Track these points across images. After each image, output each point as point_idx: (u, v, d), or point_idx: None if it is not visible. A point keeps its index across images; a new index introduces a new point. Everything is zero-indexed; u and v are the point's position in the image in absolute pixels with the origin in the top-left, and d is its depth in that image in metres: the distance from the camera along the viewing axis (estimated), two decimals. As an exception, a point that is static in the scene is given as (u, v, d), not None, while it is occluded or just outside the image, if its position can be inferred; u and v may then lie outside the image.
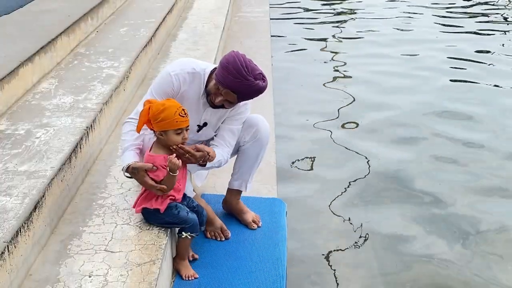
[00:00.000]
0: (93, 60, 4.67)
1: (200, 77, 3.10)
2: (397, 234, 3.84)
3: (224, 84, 2.97)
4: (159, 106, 2.80)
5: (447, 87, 6.57)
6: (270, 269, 3.08)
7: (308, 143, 5.16)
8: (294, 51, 7.96)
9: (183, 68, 3.11)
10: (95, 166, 3.54)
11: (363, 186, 4.43)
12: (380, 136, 5.28)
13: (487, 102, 6.10)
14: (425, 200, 4.21)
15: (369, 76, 6.94)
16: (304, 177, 4.56)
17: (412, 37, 8.62)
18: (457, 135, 5.23)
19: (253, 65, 3.00)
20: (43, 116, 3.59)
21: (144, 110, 2.83)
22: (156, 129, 2.83)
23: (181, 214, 2.90)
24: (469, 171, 4.65)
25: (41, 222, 2.76)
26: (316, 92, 6.46)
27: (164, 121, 2.79)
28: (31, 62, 4.04)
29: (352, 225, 3.91)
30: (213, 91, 3.05)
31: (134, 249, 2.77)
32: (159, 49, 5.72)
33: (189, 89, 3.11)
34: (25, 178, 2.88)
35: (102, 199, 3.18)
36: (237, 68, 2.93)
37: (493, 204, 4.20)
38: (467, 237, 3.78)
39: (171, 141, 2.86)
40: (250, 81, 2.94)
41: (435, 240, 3.75)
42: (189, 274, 2.99)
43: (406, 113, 5.79)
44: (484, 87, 6.55)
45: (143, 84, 4.87)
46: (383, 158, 4.85)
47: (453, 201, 4.19)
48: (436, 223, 3.93)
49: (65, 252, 2.75)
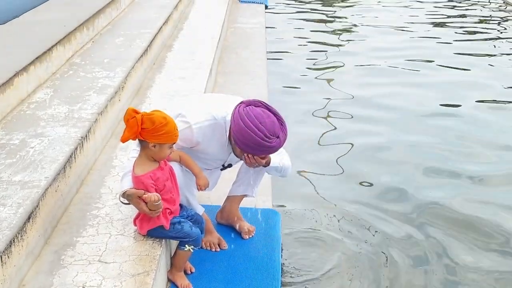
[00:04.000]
0: (88, 70, 4.67)
1: (222, 127, 3.01)
2: (396, 245, 3.84)
3: (254, 154, 2.96)
4: (161, 119, 2.72)
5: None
6: (265, 279, 3.10)
7: (304, 152, 5.16)
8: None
9: (204, 119, 2.98)
10: (90, 176, 3.53)
11: (359, 197, 4.44)
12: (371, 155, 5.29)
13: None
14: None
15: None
16: (299, 188, 4.55)
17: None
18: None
19: (269, 121, 2.88)
20: (38, 126, 3.59)
21: (136, 120, 2.71)
22: (152, 140, 2.75)
23: (185, 228, 2.90)
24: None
25: (35, 232, 2.75)
26: (315, 103, 6.47)
27: (166, 135, 2.74)
28: (26, 72, 4.04)
29: (348, 236, 3.91)
30: (241, 156, 3.04)
31: (128, 260, 2.76)
32: (154, 59, 5.73)
33: (210, 141, 3.03)
34: (19, 188, 2.87)
35: (96, 210, 3.17)
36: (258, 142, 2.86)
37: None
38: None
39: (164, 154, 2.82)
40: (274, 143, 2.89)
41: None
42: (185, 284, 2.99)
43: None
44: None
45: (139, 94, 4.87)
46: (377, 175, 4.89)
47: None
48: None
49: (58, 263, 2.74)
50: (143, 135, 2.75)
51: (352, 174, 4.82)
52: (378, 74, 7.50)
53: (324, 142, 5.49)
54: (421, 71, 7.62)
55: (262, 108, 2.93)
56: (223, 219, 3.53)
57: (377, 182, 4.67)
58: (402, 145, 5.40)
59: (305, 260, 3.61)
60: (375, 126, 5.82)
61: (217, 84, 6.06)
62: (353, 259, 3.67)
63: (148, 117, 2.73)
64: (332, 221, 4.08)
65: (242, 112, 2.89)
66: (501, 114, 6.18)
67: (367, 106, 6.34)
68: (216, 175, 3.38)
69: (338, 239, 3.87)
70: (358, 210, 4.24)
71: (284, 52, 8.38)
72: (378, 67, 7.76)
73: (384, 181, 4.69)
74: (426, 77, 7.35)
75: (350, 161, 5.06)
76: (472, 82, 7.20)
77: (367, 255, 3.71)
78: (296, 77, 7.32)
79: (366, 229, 4.00)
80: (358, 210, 4.24)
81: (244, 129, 2.85)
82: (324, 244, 3.80)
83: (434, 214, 4.21)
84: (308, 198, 4.41)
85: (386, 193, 4.51)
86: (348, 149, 5.30)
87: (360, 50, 8.55)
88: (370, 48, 8.67)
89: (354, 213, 4.19)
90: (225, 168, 3.31)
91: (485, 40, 9.08)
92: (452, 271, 3.60)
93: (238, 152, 3.05)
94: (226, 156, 3.18)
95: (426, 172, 4.85)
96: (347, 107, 6.31)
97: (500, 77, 7.31)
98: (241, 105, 2.95)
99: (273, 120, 2.90)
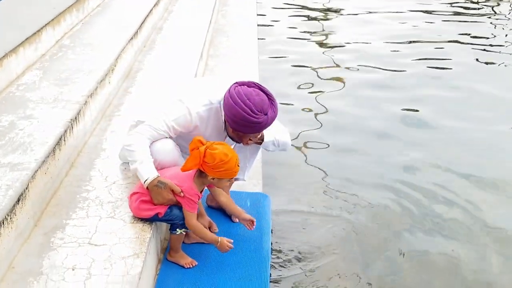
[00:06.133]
0: (78, 52, 4.64)
1: (217, 111, 3.06)
2: (384, 229, 3.87)
3: (244, 132, 2.99)
4: (222, 156, 2.81)
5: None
6: (255, 259, 3.14)
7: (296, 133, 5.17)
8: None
9: (200, 103, 3.04)
10: (80, 159, 3.52)
11: (348, 181, 4.45)
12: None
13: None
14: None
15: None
16: (290, 170, 4.56)
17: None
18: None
19: (258, 98, 2.91)
20: (27, 108, 3.57)
21: (199, 153, 2.81)
22: (212, 175, 2.86)
23: (174, 212, 2.93)
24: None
25: (24, 214, 2.74)
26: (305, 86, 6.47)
27: (226, 172, 2.84)
28: (15, 53, 4.01)
29: (335, 219, 3.93)
30: (236, 136, 3.07)
31: (118, 243, 2.76)
32: (145, 41, 5.69)
33: (207, 124, 3.08)
34: (8, 170, 2.85)
35: (86, 192, 3.17)
36: (247, 120, 2.90)
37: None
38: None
39: (221, 186, 2.99)
40: (265, 119, 2.93)
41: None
42: (189, 262, 3.05)
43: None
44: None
45: (129, 76, 4.84)
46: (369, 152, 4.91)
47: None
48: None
49: (48, 245, 2.74)
50: (204, 168, 2.84)
51: (341, 150, 4.90)
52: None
53: (318, 119, 5.51)
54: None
55: (255, 88, 2.96)
56: (213, 202, 3.53)
57: (365, 160, 4.74)
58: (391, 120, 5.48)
59: (295, 242, 3.64)
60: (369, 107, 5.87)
61: (208, 67, 6.03)
62: (343, 239, 3.69)
63: (211, 152, 2.81)
64: (322, 202, 4.11)
65: (233, 91, 2.93)
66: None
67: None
68: None
69: (327, 220, 3.90)
70: (348, 190, 4.27)
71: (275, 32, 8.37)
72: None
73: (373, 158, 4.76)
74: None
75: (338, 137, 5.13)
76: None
77: (357, 234, 3.76)
78: (287, 60, 7.30)
79: (356, 209, 4.05)
80: (348, 190, 4.27)
81: (232, 106, 2.90)
82: (314, 225, 3.83)
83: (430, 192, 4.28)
84: (297, 180, 4.42)
85: (382, 175, 4.54)
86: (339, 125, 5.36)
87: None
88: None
89: (343, 193, 4.22)
90: None
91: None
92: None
93: (230, 132, 3.07)
94: (222, 140, 3.19)
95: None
96: (333, 83, 6.35)
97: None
98: (235, 85, 2.99)
99: (263, 98, 2.93)
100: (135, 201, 2.94)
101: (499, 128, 5.39)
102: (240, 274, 3.03)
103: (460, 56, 7.36)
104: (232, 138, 3.13)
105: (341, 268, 3.42)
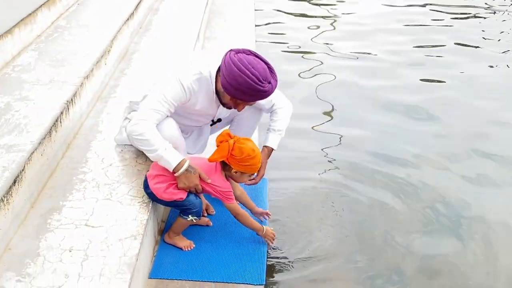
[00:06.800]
0: (74, 33, 4.60)
1: (208, 81, 3.04)
2: (382, 210, 3.87)
3: (243, 100, 2.98)
4: (250, 151, 2.92)
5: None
6: (252, 240, 3.17)
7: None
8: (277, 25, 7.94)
9: (191, 74, 3.02)
10: (76, 141, 3.51)
11: (347, 165, 4.44)
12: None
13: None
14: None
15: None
16: (287, 152, 4.54)
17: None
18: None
19: (260, 67, 2.90)
20: (23, 89, 3.54)
21: (228, 145, 2.91)
22: (237, 168, 2.96)
23: (191, 198, 2.98)
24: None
25: (21, 196, 2.74)
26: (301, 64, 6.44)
27: (251, 166, 2.96)
28: (10, 34, 3.98)
29: (333, 205, 3.93)
30: (232, 103, 3.05)
31: (115, 224, 2.77)
32: (141, 23, 5.65)
33: (198, 95, 3.06)
34: (4, 152, 2.84)
35: (82, 174, 3.16)
36: (254, 88, 2.88)
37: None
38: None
39: (241, 181, 3.07)
40: (266, 88, 2.91)
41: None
42: (187, 244, 3.08)
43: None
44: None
45: (125, 58, 4.82)
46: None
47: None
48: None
49: (45, 227, 2.74)
50: (229, 160, 2.94)
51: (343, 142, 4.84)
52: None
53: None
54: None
55: (253, 56, 2.95)
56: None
57: (362, 147, 4.70)
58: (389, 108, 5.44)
59: (292, 224, 3.64)
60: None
61: (204, 49, 6.00)
62: (338, 224, 3.69)
63: (239, 145, 2.91)
64: (321, 188, 4.09)
65: (234, 58, 2.90)
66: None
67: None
68: (206, 133, 3.44)
69: (324, 204, 3.89)
70: (344, 176, 4.25)
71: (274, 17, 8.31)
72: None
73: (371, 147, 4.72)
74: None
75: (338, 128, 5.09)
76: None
77: (353, 219, 3.74)
78: (284, 44, 7.26)
79: (353, 195, 4.02)
80: (344, 176, 4.25)
81: (238, 74, 2.86)
82: (311, 210, 3.82)
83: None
84: (294, 165, 4.41)
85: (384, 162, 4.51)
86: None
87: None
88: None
89: (339, 179, 4.21)
90: (215, 123, 3.35)
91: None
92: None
93: (227, 100, 3.05)
94: (214, 110, 3.20)
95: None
96: (331, 70, 6.32)
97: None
98: (231, 52, 2.96)
99: (264, 67, 2.92)
100: (160, 183, 2.95)
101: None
102: (237, 255, 3.05)
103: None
104: (224, 104, 3.12)
105: (341, 269, 3.36)
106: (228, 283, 2.85)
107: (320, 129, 5.03)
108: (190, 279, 2.85)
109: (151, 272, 2.89)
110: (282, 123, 3.34)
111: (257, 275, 2.91)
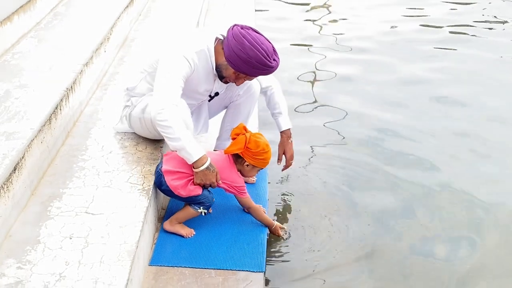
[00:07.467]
0: (73, 20, 4.58)
1: (206, 54, 3.07)
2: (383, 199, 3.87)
3: (248, 74, 3.03)
4: (264, 146, 3.03)
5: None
6: (252, 229, 3.19)
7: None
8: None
9: (192, 48, 3.04)
10: (76, 129, 3.51)
11: (346, 147, 4.45)
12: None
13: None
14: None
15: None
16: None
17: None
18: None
19: (268, 43, 2.99)
20: (22, 77, 3.54)
21: (245, 137, 2.99)
22: (250, 161, 3.05)
23: (205, 193, 3.03)
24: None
25: (21, 183, 2.74)
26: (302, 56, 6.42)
27: (263, 161, 3.06)
28: (10, 22, 3.96)
29: (332, 191, 3.94)
30: (233, 77, 3.08)
31: (116, 212, 2.77)
32: (140, 10, 5.63)
33: (198, 67, 3.08)
34: (4, 139, 2.84)
35: (82, 162, 3.16)
36: (264, 63, 2.95)
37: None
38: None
39: (251, 175, 3.19)
40: (273, 64, 2.99)
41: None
42: (188, 232, 3.09)
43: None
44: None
45: (124, 45, 4.80)
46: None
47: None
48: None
49: (45, 214, 2.74)
50: (244, 153, 3.02)
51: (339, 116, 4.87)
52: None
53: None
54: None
55: (259, 34, 3.02)
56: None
57: (363, 138, 4.69)
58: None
59: (293, 211, 3.65)
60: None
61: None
62: (339, 214, 3.69)
63: (255, 139, 3.01)
64: (319, 176, 4.09)
65: (244, 32, 2.97)
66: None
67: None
68: (205, 112, 3.45)
69: (325, 192, 3.90)
70: (345, 164, 4.25)
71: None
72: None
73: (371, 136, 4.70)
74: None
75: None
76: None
77: (355, 208, 3.74)
78: (285, 35, 7.23)
79: (355, 184, 4.01)
80: (345, 164, 4.25)
81: (249, 47, 2.92)
82: (312, 197, 3.83)
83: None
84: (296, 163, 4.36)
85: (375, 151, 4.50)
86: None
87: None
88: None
89: (341, 167, 4.21)
90: (212, 98, 3.34)
91: None
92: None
93: (228, 74, 3.07)
94: (211, 85, 3.21)
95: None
96: (333, 65, 6.29)
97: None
98: (237, 26, 3.03)
99: (271, 44, 3.02)
100: (178, 179, 2.97)
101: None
102: (237, 243, 3.06)
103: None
104: (222, 78, 3.13)
105: (341, 268, 3.36)
106: (228, 270, 2.85)
107: (320, 127, 4.95)
108: (190, 266, 2.86)
109: (151, 259, 2.90)
110: (282, 104, 3.48)
111: (257, 262, 2.92)
